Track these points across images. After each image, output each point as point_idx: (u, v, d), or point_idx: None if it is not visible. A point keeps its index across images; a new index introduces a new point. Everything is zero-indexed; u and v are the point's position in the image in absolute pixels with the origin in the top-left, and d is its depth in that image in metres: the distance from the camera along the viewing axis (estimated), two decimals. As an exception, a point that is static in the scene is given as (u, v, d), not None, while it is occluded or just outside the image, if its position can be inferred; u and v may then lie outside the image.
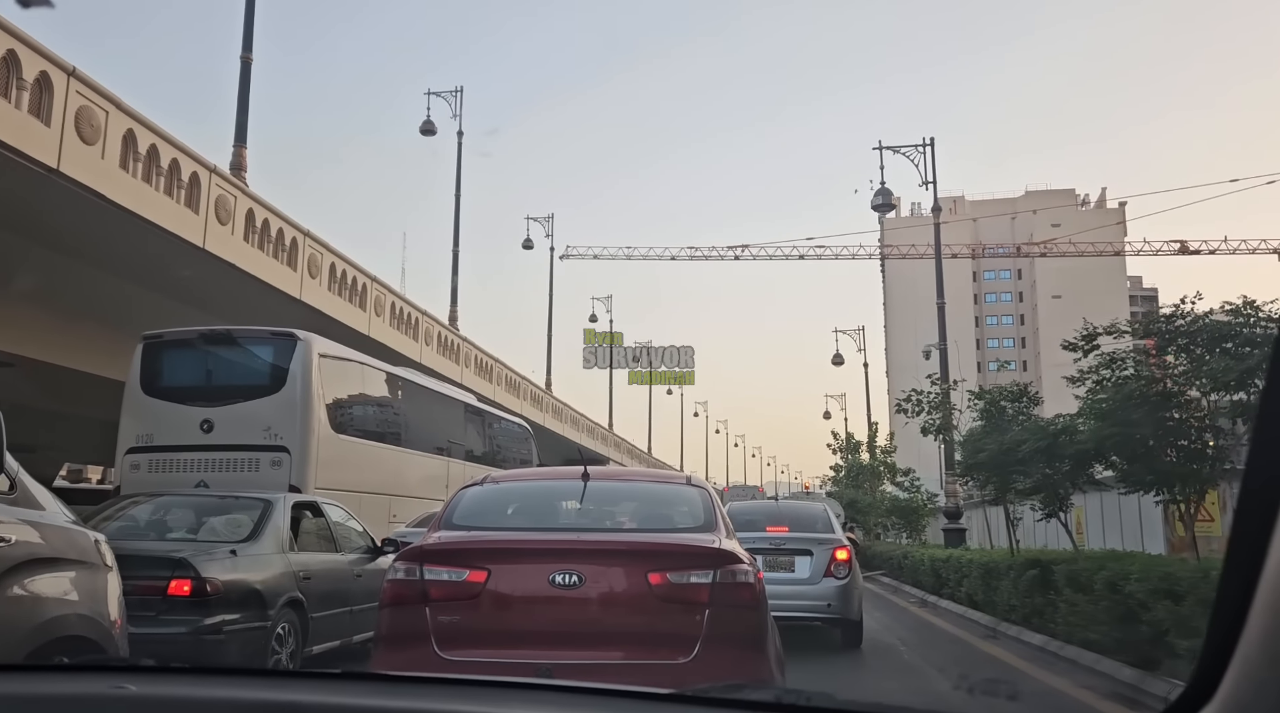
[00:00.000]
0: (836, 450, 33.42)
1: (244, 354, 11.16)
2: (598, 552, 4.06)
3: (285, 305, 18.18)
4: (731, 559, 3.99)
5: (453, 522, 4.41)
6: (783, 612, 8.68)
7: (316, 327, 19.87)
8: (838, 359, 40.67)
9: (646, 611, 3.86)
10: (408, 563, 4.09)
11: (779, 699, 1.36)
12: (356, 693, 1.44)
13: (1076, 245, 62.31)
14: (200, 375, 10.90)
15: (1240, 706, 0.93)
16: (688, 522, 4.48)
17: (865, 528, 28.57)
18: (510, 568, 4.01)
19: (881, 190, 21.46)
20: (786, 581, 8.68)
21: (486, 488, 4.92)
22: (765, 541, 9.04)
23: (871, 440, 33.53)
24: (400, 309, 23.60)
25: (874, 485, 29.03)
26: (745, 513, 10.54)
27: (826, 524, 9.71)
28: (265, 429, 10.17)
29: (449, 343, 27.40)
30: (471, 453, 16.38)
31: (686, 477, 5.33)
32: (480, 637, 3.88)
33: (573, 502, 4.67)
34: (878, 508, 26.12)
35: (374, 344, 21.86)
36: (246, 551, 6.37)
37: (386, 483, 12.16)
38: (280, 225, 17.76)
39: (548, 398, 39.30)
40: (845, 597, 8.69)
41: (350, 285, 20.78)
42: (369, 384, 13.03)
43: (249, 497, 7.24)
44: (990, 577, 10.66)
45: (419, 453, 13.71)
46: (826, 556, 8.83)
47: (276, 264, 17.65)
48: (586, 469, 4.66)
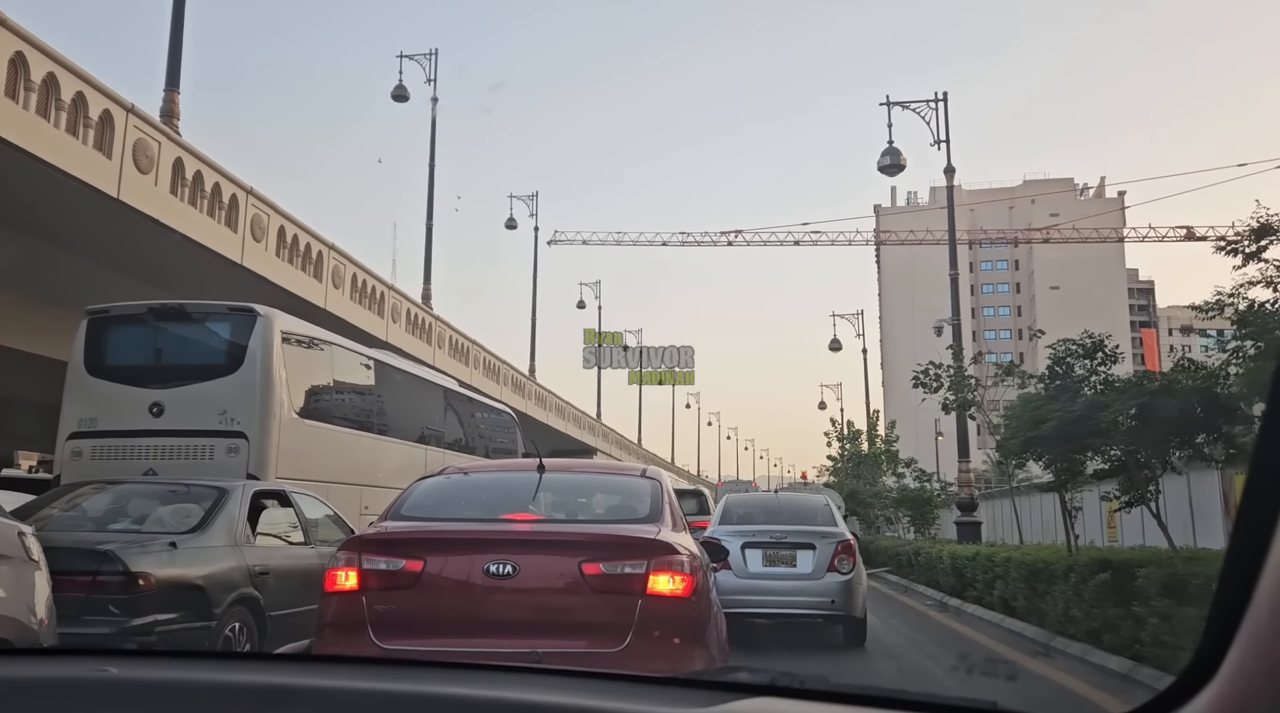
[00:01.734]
0: (836, 439, 31.53)
1: (198, 331, 10.10)
2: (533, 542, 4.15)
3: (224, 269, 16.24)
4: (666, 550, 4.03)
5: (400, 513, 4.52)
6: (784, 608, 8.45)
7: (262, 296, 17.94)
8: (835, 344, 38.82)
9: (580, 600, 3.95)
10: (347, 552, 4.18)
11: (773, 682, 1.34)
12: (342, 677, 1.45)
13: (1080, 231, 60.58)
14: (150, 354, 9.92)
15: (1246, 680, 0.91)
16: (632, 514, 4.54)
17: (867, 521, 26.75)
18: (446, 558, 4.10)
19: (889, 150, 19.53)
20: (788, 576, 8.49)
21: (440, 479, 5.11)
22: (765, 534, 8.79)
23: (871, 429, 31.72)
24: (362, 281, 21.61)
25: (875, 476, 27.19)
26: (742, 506, 10.15)
27: (828, 517, 9.37)
28: (221, 413, 9.22)
29: (420, 321, 25.42)
30: (452, 441, 15.10)
31: (642, 470, 5.37)
32: (415, 626, 3.92)
33: (522, 494, 4.71)
34: (882, 499, 24.25)
35: (331, 318, 19.93)
36: (190, 543, 5.89)
37: (358, 472, 10.91)
38: (216, 179, 15.78)
39: (531, 384, 37.28)
40: (849, 593, 8.40)
41: (303, 252, 18.79)
42: (338, 366, 11.84)
43: (203, 485, 6.72)
44: (1037, 580, 8.77)
45: (394, 440, 12.60)
46: (830, 550, 8.54)
47: (211, 223, 15.66)
48: (542, 462, 4.76)
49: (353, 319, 20.83)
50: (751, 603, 8.31)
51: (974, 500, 17.88)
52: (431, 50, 29.68)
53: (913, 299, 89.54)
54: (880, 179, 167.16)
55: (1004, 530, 22.70)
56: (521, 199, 41.62)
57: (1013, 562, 9.66)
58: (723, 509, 10.04)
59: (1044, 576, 8.61)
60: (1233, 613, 0.92)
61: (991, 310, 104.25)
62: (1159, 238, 59.62)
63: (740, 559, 8.64)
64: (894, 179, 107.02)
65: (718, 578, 8.36)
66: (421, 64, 29.50)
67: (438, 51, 29.66)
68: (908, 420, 37.81)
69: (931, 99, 19.22)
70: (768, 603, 8.45)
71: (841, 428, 35.03)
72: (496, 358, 31.95)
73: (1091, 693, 6.31)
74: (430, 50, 29.68)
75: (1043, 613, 8.63)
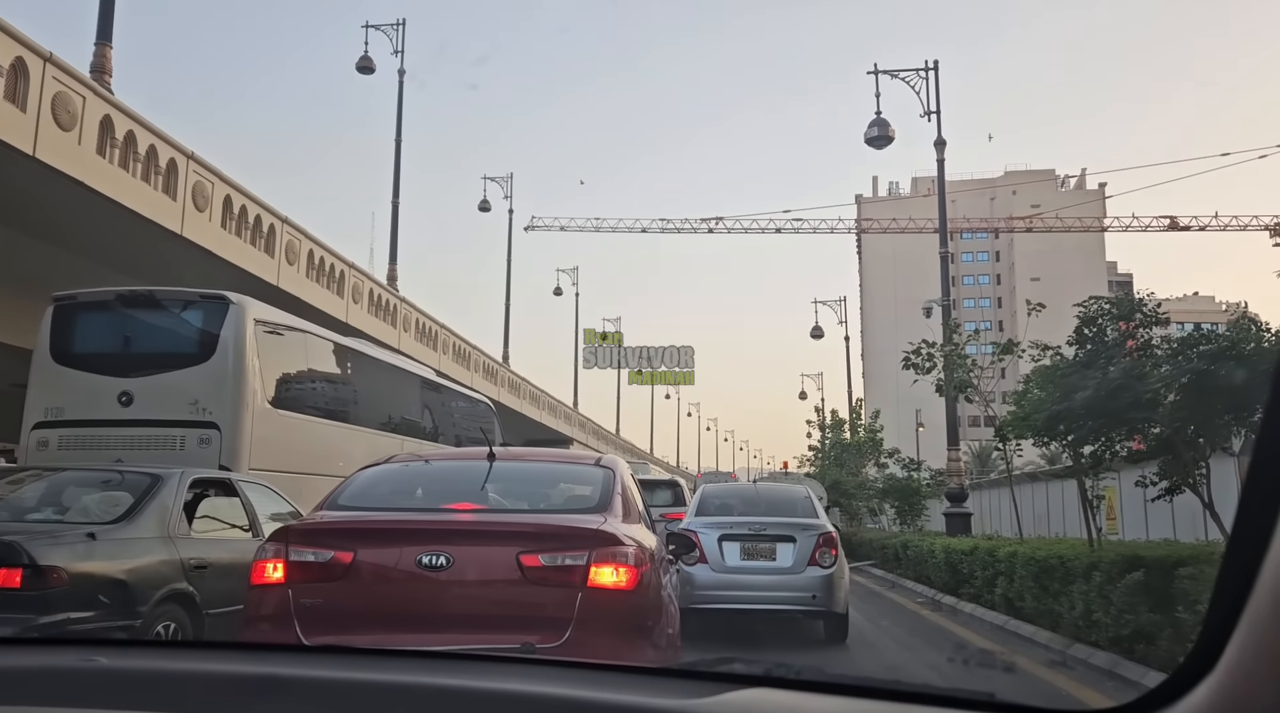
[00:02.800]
0: (818, 427, 30.57)
1: (169, 318, 9.78)
2: (468, 533, 4.02)
3: (161, 240, 15.01)
4: (609, 541, 3.87)
5: (338, 502, 4.39)
6: (763, 604, 8.15)
7: (205, 270, 16.77)
8: (817, 331, 37.85)
9: (517, 593, 3.80)
10: (275, 543, 4.04)
11: (768, 673, 1.35)
12: (335, 667, 1.43)
13: (1063, 220, 60.08)
14: (119, 342, 9.66)
15: (1245, 673, 0.91)
16: (579, 503, 4.44)
17: (850, 513, 25.81)
18: (377, 550, 3.93)
19: (877, 121, 18.50)
20: (767, 570, 8.20)
21: (383, 468, 4.94)
22: (744, 526, 8.48)
23: (854, 417, 30.80)
24: (320, 258, 20.37)
25: (859, 465, 26.23)
26: (719, 496, 9.81)
27: (809, 509, 9.02)
28: (192, 403, 8.96)
29: (384, 303, 24.17)
30: (428, 430, 14.69)
31: (597, 458, 5.26)
32: (342, 619, 3.78)
33: (468, 483, 4.58)
34: (868, 490, 23.29)
35: (284, 297, 18.73)
36: (113, 534, 5.48)
37: (333, 464, 10.11)
38: (152, 141, 14.51)
39: (504, 371, 36.06)
40: (831, 587, 8.08)
41: (253, 224, 17.54)
42: (313, 355, 11.58)
43: (137, 472, 6.32)
44: (1050, 578, 7.78)
45: (370, 430, 12.22)
46: (811, 543, 8.21)
47: (146, 189, 14.41)
48: (493, 450, 4.68)
49: (309, 298, 19.62)
50: (729, 598, 8.06)
51: (964, 491, 16.94)
52: (399, 20, 28.37)
53: (894, 289, 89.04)
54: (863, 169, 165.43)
55: (994, 523, 21.83)
56: (497, 181, 40.30)
57: (1019, 557, 8.64)
58: (699, 500, 9.64)
59: (1058, 574, 7.60)
60: (1232, 606, 0.91)
61: (972, 301, 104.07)
62: (1142, 227, 59.25)
63: (717, 552, 8.28)
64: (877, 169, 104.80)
65: (692, 572, 7.96)
66: (388, 34, 28.17)
67: (405, 22, 28.33)
68: (889, 412, 36.93)
69: (921, 68, 18.23)
70: (746, 598, 8.11)
71: (823, 417, 34.04)
72: (466, 343, 30.73)
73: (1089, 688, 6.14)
74: (398, 20, 28.34)
75: (1055, 616, 7.64)
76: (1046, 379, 7.50)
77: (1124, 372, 6.19)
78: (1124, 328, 6.83)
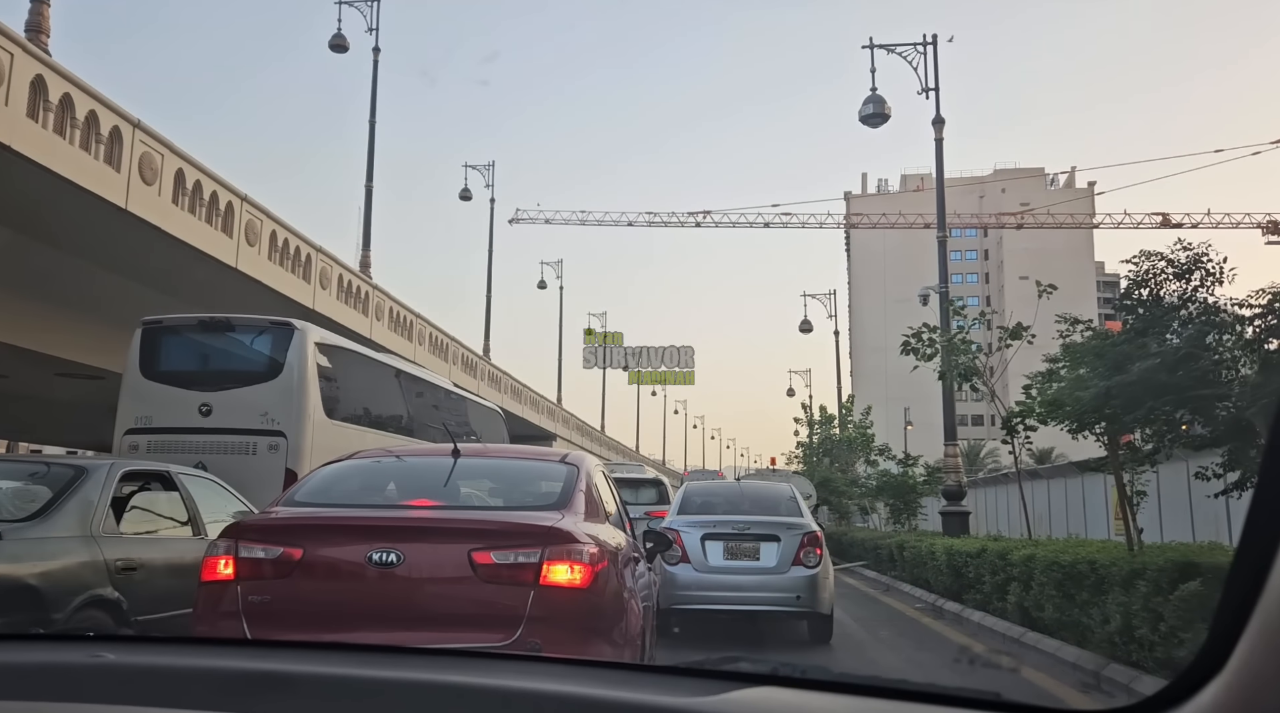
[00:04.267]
0: (807, 424, 29.61)
1: (242, 342, 11.28)
2: (420, 529, 3.97)
3: (109, 217, 13.93)
4: (563, 538, 3.82)
5: (294, 499, 4.40)
6: (746, 604, 8.08)
7: (155, 250, 15.72)
8: (806, 325, 36.85)
9: (468, 590, 3.75)
10: (225, 539, 4.01)
11: (775, 672, 1.34)
12: (340, 663, 1.41)
13: (1055, 216, 59.45)
14: (199, 361, 11.05)
15: (1253, 673, 0.90)
16: (538, 500, 4.36)
17: (840, 511, 24.89)
18: (326, 546, 3.90)
19: (873, 98, 17.51)
20: (751, 570, 8.15)
21: (344, 464, 4.87)
22: (727, 525, 8.37)
23: (845, 413, 29.88)
24: (284, 240, 19.25)
25: (849, 462, 25.31)
26: (702, 495, 9.72)
27: (793, 508, 8.90)
28: (263, 414, 10.17)
29: (354, 290, 23.05)
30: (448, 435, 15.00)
31: (563, 455, 5.24)
32: (290, 616, 3.76)
33: (428, 479, 4.57)
34: (859, 487, 22.34)
35: (244, 280, 17.68)
36: (23, 533, 5.02)
37: None
38: (92, 106, 13.42)
39: (484, 364, 34.99)
40: (815, 588, 8.05)
41: (208, 201, 16.43)
42: (361, 372, 13.06)
43: (61, 464, 6.02)
44: (1078, 586, 6.80)
45: (406, 437, 13.15)
46: (795, 542, 8.17)
47: (86, 158, 13.30)
48: (456, 446, 4.65)
49: (272, 282, 18.57)
50: (712, 598, 8.01)
51: (962, 488, 16.00)
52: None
53: (884, 288, 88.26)
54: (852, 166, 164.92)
55: (992, 522, 20.94)
56: (478, 169, 39.23)
57: (1038, 561, 7.67)
58: (681, 498, 9.51)
59: (1088, 581, 6.63)
60: (1241, 607, 0.91)
61: (960, 300, 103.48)
62: (1134, 224, 58.65)
63: (700, 552, 8.19)
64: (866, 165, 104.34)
65: (674, 572, 7.90)
66: (362, 12, 27.07)
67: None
68: (877, 410, 36.00)
69: (919, 43, 17.28)
70: (729, 598, 8.06)
71: (811, 412, 33.09)
72: (444, 334, 29.63)
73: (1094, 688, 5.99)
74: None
75: (1084, 629, 6.67)
76: (1085, 354, 6.48)
77: (1188, 340, 5.21)
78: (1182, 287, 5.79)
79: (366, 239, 26.32)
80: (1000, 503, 21.40)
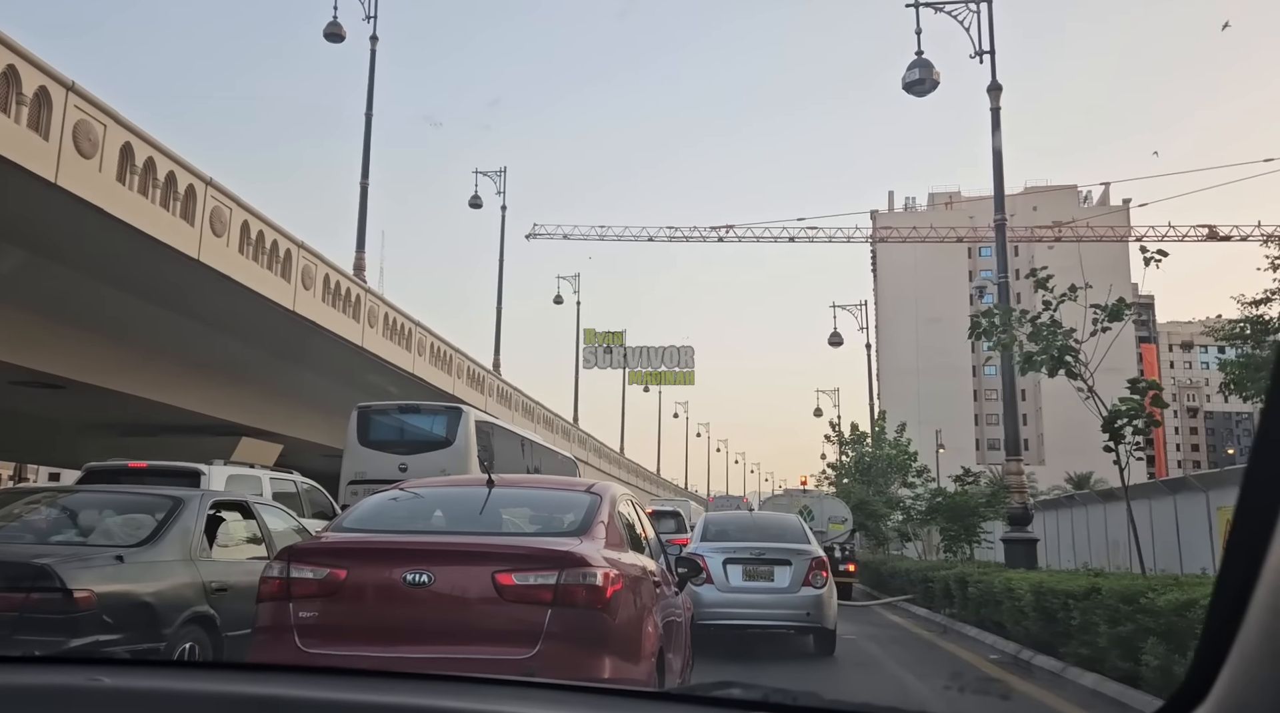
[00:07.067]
0: (838, 443, 27.28)
1: (427, 419, 16.29)
2: (450, 553, 4.23)
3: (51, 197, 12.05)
4: (579, 562, 4.07)
5: (343, 526, 4.81)
6: (763, 621, 9.16)
7: (103, 236, 13.86)
8: (835, 338, 34.66)
9: (492, 608, 3.99)
10: (280, 562, 4.30)
11: (766, 698, 1.34)
12: (338, 689, 1.41)
13: (1094, 228, 56.91)
14: (397, 433, 15.95)
15: (1235, 702, 0.91)
16: (561, 527, 4.61)
17: (876, 537, 22.48)
18: (367, 568, 4.22)
19: (919, 62, 15.44)
20: (767, 590, 9.08)
21: (389, 494, 5.19)
22: (746, 550, 9.32)
23: (877, 431, 27.53)
24: (258, 233, 17.33)
25: (887, 482, 22.95)
26: (718, 524, 10.79)
27: (801, 534, 9.90)
28: (442, 470, 12.79)
29: (344, 293, 21.07)
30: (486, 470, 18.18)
31: (589, 485, 5.46)
32: (336, 631, 4.02)
33: (463, 508, 4.96)
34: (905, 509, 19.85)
35: (210, 274, 15.75)
36: (138, 557, 5.48)
37: None
38: (11, 60, 11.58)
39: (492, 379, 32.91)
40: (822, 605, 9.02)
41: (163, 183, 14.53)
42: (501, 439, 17.64)
43: (157, 495, 6.34)
44: None
45: None
46: (805, 565, 9.13)
47: (12, 125, 11.45)
48: (491, 478, 5.00)
49: (240, 277, 16.62)
50: (733, 615, 8.91)
51: (1028, 511, 13.69)
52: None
53: (914, 306, 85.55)
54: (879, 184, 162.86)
55: (1053, 552, 18.40)
56: (489, 176, 37.48)
57: (1197, 608, 5.41)
58: (702, 527, 10.52)
59: None
60: (1224, 635, 0.92)
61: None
62: (1179, 237, 56.09)
63: (722, 574, 9.07)
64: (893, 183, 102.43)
65: (700, 592, 8.41)
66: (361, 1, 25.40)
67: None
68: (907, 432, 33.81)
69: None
70: (748, 615, 9.03)
71: (842, 430, 30.78)
72: (447, 345, 27.59)
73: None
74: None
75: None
76: None
77: None
78: None
79: (361, 241, 24.55)
80: (1061, 529, 18.92)
